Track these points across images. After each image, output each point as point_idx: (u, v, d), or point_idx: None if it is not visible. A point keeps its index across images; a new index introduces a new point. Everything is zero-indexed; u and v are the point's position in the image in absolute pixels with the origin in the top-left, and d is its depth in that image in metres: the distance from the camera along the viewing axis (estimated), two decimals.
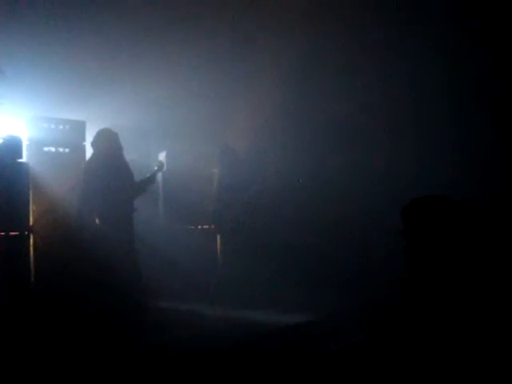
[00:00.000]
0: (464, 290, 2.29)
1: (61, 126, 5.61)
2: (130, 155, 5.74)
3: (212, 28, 6.86)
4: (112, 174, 5.18)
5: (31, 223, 5.11)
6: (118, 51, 6.50)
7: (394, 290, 2.61)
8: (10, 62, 5.73)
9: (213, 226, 6.79)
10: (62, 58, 6.11)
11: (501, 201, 5.47)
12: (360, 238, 6.28)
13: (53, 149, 5.53)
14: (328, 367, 3.91)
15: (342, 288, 5.76)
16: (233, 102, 6.98)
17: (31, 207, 5.14)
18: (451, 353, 2.20)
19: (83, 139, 5.70)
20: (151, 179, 5.59)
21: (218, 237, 6.86)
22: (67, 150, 5.59)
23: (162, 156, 6.73)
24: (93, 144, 5.32)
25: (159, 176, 6.54)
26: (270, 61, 6.81)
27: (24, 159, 5.18)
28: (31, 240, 5.08)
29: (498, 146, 5.76)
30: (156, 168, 5.72)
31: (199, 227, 6.89)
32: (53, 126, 5.56)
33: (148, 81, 6.36)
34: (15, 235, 4.95)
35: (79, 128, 5.73)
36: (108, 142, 5.27)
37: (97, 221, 5.11)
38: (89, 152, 5.55)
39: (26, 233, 5.05)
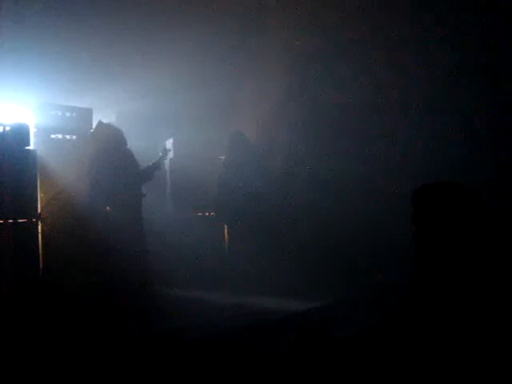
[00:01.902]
0: (472, 277, 2.28)
1: (68, 114, 5.60)
2: (137, 142, 5.74)
3: (220, 16, 6.82)
4: (117, 163, 5.24)
5: (39, 210, 5.12)
6: (126, 38, 6.48)
7: (402, 277, 2.60)
8: (18, 50, 5.72)
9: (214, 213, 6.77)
10: (70, 46, 6.09)
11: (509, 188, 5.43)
12: (368, 226, 6.26)
13: (60, 136, 5.53)
14: (335, 353, 3.92)
15: (350, 275, 5.76)
16: (240, 90, 6.95)
17: (39, 194, 5.16)
18: (458, 340, 2.19)
19: (90, 126, 5.71)
20: (157, 165, 5.64)
21: (225, 225, 6.86)
22: (74, 137, 5.60)
23: (168, 143, 6.72)
24: (93, 139, 5.37)
25: (166, 163, 6.54)
26: (279, 48, 6.76)
27: (31, 146, 5.19)
28: (39, 227, 5.10)
29: (508, 134, 5.72)
30: (161, 154, 5.74)
31: (206, 214, 6.88)
32: (60, 114, 5.56)
33: (155, 68, 6.34)
34: (23, 222, 4.97)
35: (86, 115, 5.73)
36: (106, 136, 5.32)
37: (107, 208, 5.17)
38: None
39: (34, 220, 5.07)
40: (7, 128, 4.95)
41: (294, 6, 6.71)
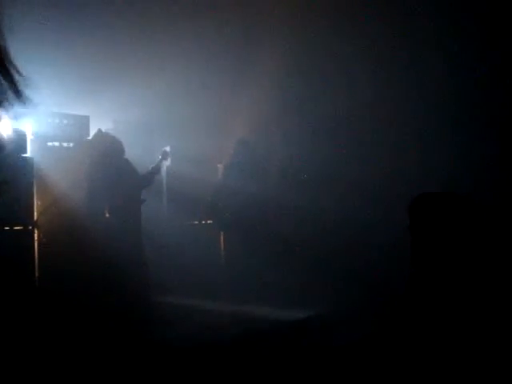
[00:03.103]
0: (469, 285, 2.29)
1: (65, 121, 5.61)
2: (134, 150, 5.75)
3: (216, 23, 6.84)
4: (114, 173, 5.26)
5: (35, 218, 5.12)
6: (123, 46, 6.49)
7: (399, 286, 2.61)
8: (15, 57, 5.72)
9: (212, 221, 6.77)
10: (66, 53, 6.10)
11: (505, 198, 5.44)
12: (365, 234, 6.26)
13: (57, 143, 5.53)
14: (332, 362, 3.92)
15: (347, 283, 5.75)
16: (237, 97, 6.96)
17: (35, 202, 5.15)
18: (454, 347, 2.20)
19: (87, 134, 5.72)
20: (156, 169, 5.67)
21: (222, 232, 6.86)
22: (71, 145, 5.60)
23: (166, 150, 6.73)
24: (91, 148, 5.39)
25: (163, 171, 6.55)
26: (275, 55, 6.78)
27: (28, 154, 5.18)
28: (35, 234, 5.09)
29: (502, 143, 5.74)
30: (160, 157, 5.76)
31: (203, 222, 6.88)
32: (57, 121, 5.57)
33: (152, 75, 6.35)
34: (19, 230, 4.96)
35: (83, 123, 5.75)
36: (104, 144, 5.35)
37: (106, 214, 5.18)
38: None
39: (30, 227, 5.06)
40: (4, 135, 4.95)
41: (291, 13, 6.74)
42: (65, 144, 5.57)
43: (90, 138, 5.68)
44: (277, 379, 3.76)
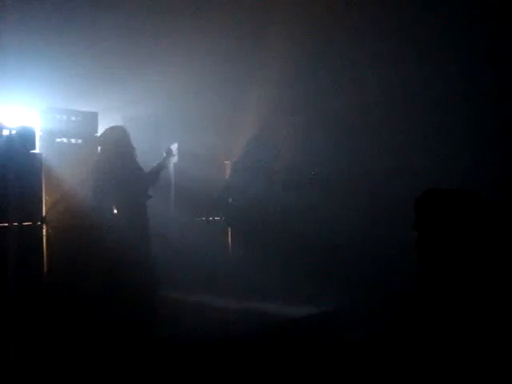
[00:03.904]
0: (476, 283, 2.27)
1: (73, 117, 5.64)
2: (142, 146, 5.76)
3: (225, 21, 6.84)
4: (123, 167, 5.27)
5: (44, 213, 5.15)
6: (131, 42, 6.51)
7: (405, 284, 2.60)
8: (24, 53, 5.76)
9: (220, 218, 6.77)
10: (75, 49, 6.13)
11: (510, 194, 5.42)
12: (372, 231, 6.25)
13: (65, 140, 5.56)
14: (340, 359, 3.92)
15: (354, 281, 5.75)
16: (245, 94, 6.96)
17: (44, 198, 5.18)
18: (464, 346, 2.19)
19: (95, 130, 5.74)
20: (161, 166, 5.66)
21: (229, 229, 6.87)
22: (80, 141, 5.63)
23: (173, 147, 6.73)
24: (101, 142, 5.40)
25: (170, 168, 6.55)
26: (281, 54, 6.78)
27: (37, 150, 5.22)
28: (44, 230, 5.13)
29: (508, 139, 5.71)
30: (165, 154, 5.76)
31: (210, 219, 6.88)
32: (65, 117, 5.60)
33: (161, 72, 6.36)
34: (28, 225, 4.99)
35: (91, 119, 5.77)
36: (115, 139, 5.36)
37: (114, 210, 5.20)
38: None
39: (39, 223, 5.09)
40: (13, 131, 4.98)
41: (300, 11, 6.73)
42: (73, 140, 5.60)
43: (98, 134, 5.70)
44: (284, 376, 3.77)
